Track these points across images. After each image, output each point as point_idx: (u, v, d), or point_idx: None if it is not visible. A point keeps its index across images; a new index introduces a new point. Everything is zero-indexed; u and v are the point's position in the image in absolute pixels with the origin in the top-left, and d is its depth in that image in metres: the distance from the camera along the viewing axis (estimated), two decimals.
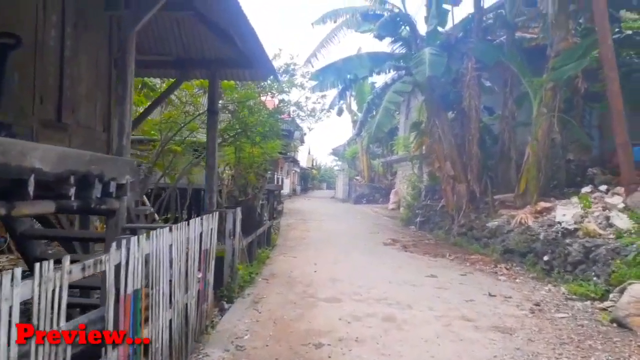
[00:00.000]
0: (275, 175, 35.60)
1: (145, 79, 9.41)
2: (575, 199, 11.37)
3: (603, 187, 11.45)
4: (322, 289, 7.94)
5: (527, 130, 13.93)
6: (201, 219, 5.23)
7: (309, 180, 74.23)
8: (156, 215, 10.15)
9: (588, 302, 7.19)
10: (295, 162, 51.73)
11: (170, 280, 4.07)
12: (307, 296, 7.42)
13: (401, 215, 19.84)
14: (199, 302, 5.05)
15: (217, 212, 6.28)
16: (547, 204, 11.48)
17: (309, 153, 79.27)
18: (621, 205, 9.76)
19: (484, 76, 15.72)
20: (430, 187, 18.67)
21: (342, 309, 6.69)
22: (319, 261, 10.59)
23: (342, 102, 35.11)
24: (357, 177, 39.00)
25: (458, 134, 15.36)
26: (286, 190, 42.63)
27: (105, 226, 4.42)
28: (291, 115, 12.88)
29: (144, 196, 9.98)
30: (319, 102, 17.91)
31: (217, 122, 7.29)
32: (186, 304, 4.55)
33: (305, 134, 47.71)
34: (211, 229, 5.50)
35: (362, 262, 10.59)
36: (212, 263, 5.65)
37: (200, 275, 5.04)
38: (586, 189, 11.71)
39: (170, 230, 4.05)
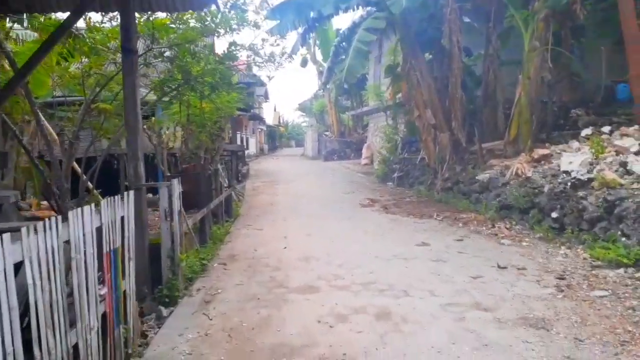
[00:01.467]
0: (239, 135, 33.51)
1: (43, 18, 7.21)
2: (575, 144, 10.00)
3: (606, 129, 10.11)
4: (294, 272, 6.35)
5: (512, 70, 12.41)
6: (106, 202, 3.47)
7: (276, 139, 72.01)
8: (94, 190, 8.29)
9: (621, 271, 5.83)
10: (260, 119, 49.40)
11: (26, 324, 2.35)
12: (274, 286, 5.81)
13: (376, 172, 18.33)
14: (107, 331, 3.35)
15: (136, 190, 4.52)
16: (544, 151, 10.08)
17: (275, 110, 76.74)
18: (636, 148, 8.41)
19: (463, 11, 13.95)
20: (407, 139, 17.14)
21: (320, 304, 5.11)
22: (289, 233, 8.98)
23: (305, 48, 32.76)
24: (327, 133, 37.23)
25: (437, 77, 13.71)
26: (252, 150, 40.62)
27: None
28: (247, 61, 10.86)
29: (75, 166, 8.07)
30: (278, 44, 15.86)
31: (136, 66, 5.38)
32: (74, 346, 2.85)
33: (265, 84, 45.35)
34: (122, 218, 3.74)
35: (339, 231, 9.04)
36: (131, 265, 3.92)
37: (104, 291, 3.33)
38: (587, 131, 10.36)
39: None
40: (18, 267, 2.37)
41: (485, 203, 10.29)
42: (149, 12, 7.30)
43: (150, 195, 7.76)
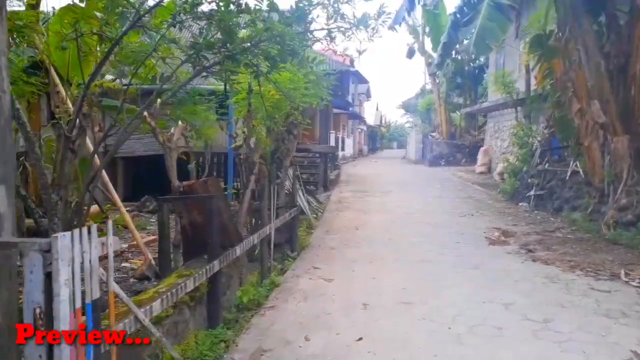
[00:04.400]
0: (335, 135, 30.46)
1: None
2: None
3: None
4: None
5: None
6: None
7: (377, 140, 68.40)
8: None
9: None
10: (360, 119, 46.07)
11: None
12: None
13: (503, 186, 13.92)
14: None
15: None
16: None
17: (377, 109, 73.02)
18: None
19: None
20: (547, 144, 12.63)
21: None
22: (374, 296, 5.38)
23: (411, 15, 28.34)
24: (433, 134, 32.76)
25: (610, 53, 9.19)
26: (349, 151, 37.41)
27: None
28: (327, 27, 7.36)
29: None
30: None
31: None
32: None
33: (367, 82, 41.88)
34: None
35: (462, 302, 5.24)
36: None
37: None
38: None
39: None
40: None
41: None
42: None
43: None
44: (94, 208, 11.33)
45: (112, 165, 15.12)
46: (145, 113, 5.23)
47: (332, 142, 27.83)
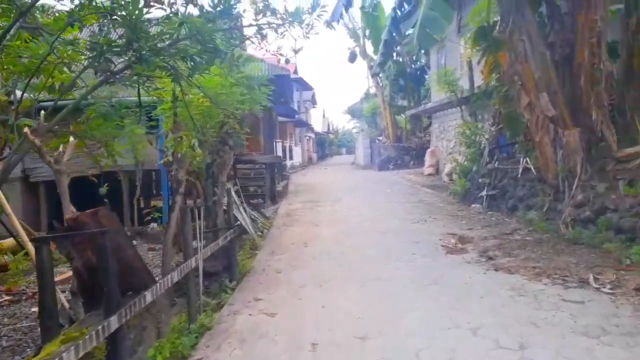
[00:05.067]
0: (281, 144, 29.62)
1: None
2: None
3: None
4: None
5: None
6: None
7: (326, 147, 68.12)
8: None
9: None
10: (307, 126, 45.50)
11: None
12: None
13: (454, 188, 13.52)
14: None
15: None
16: None
17: (323, 116, 72.98)
18: None
19: None
20: (496, 141, 12.35)
21: None
22: (323, 334, 4.56)
23: (349, 12, 28.09)
24: (380, 138, 32.54)
25: (555, 43, 8.90)
26: (298, 160, 36.65)
27: None
28: (255, 22, 6.52)
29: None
30: None
31: None
32: None
33: (312, 89, 41.51)
34: None
35: (428, 327, 4.53)
36: None
37: None
38: None
39: None
40: None
41: None
42: None
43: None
44: (9, 241, 9.94)
45: (33, 191, 13.60)
46: (26, 129, 4.19)
47: (280, 152, 26.97)
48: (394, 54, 28.95)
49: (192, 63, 5.53)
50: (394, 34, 10.75)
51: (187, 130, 8.28)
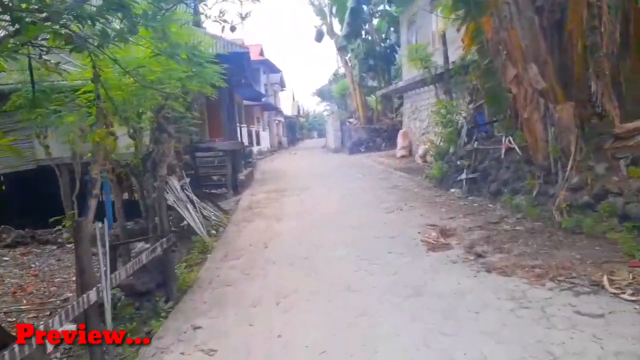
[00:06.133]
0: (246, 129, 28.15)
1: None
2: None
3: None
4: None
5: None
6: None
7: (297, 130, 66.65)
8: None
9: None
10: (275, 109, 43.93)
11: None
12: None
13: (429, 170, 12.46)
14: None
15: None
16: None
17: (293, 99, 71.20)
18: None
19: None
20: (473, 119, 11.33)
21: None
22: None
23: (319, 18, 26.96)
24: (351, 120, 31.40)
25: (543, 7, 7.82)
26: (265, 145, 35.24)
27: None
28: None
29: None
30: None
31: None
32: None
33: (280, 71, 40.15)
34: None
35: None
36: None
37: None
38: None
39: None
40: None
41: None
42: None
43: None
44: None
45: None
46: None
47: (245, 137, 25.55)
48: (363, 32, 27.74)
49: (96, 28, 4.23)
50: (362, 2, 9.51)
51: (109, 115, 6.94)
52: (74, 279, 7.80)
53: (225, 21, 5.40)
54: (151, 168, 6.99)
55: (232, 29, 5.22)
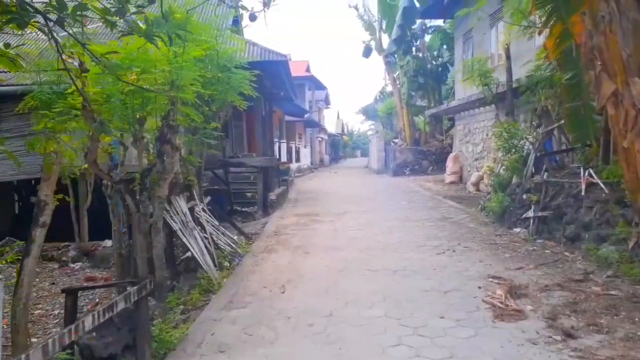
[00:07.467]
0: (287, 145, 27.09)
1: None
2: None
3: None
4: None
5: None
6: None
7: (339, 149, 65.56)
8: None
9: None
10: (318, 126, 42.88)
11: None
12: None
13: (488, 203, 10.67)
14: None
15: None
16: None
17: (338, 117, 70.31)
18: None
19: None
20: (542, 145, 9.59)
21: None
22: None
23: (369, 33, 25.74)
24: (396, 140, 29.80)
25: None
26: (305, 162, 34.10)
27: None
28: None
29: None
30: None
31: None
32: None
33: (325, 88, 39.46)
34: None
35: None
36: None
37: None
38: None
39: None
40: None
41: None
42: None
43: None
44: None
45: None
46: None
47: (284, 153, 24.46)
48: (414, 49, 26.30)
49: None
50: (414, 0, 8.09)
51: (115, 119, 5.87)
52: (56, 312, 6.64)
53: (244, 7, 4.33)
54: (150, 186, 5.75)
55: (252, 17, 4.13)
